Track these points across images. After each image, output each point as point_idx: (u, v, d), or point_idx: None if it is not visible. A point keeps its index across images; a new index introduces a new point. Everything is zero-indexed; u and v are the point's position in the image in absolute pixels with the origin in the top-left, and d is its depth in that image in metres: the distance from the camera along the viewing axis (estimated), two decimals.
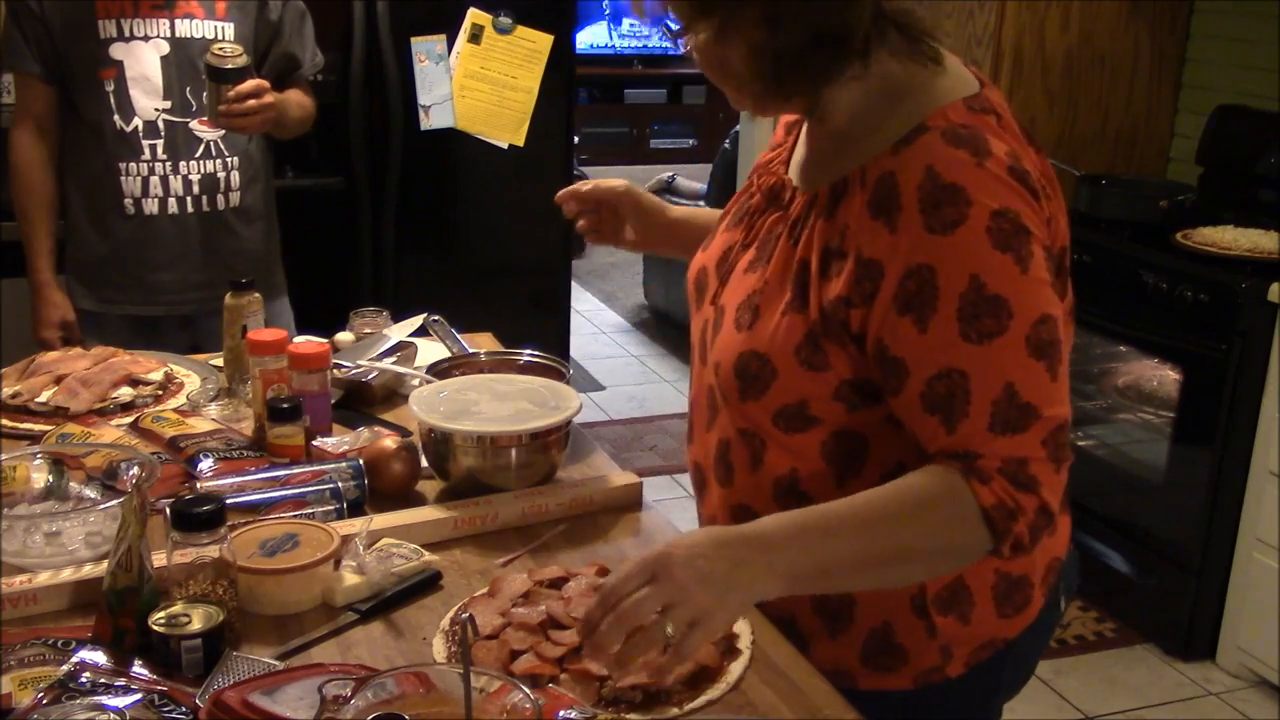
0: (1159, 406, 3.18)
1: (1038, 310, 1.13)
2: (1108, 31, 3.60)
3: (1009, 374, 1.12)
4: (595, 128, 8.93)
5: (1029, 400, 1.12)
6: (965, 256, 1.11)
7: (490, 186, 3.66)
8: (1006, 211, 1.12)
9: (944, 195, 1.11)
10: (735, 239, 1.35)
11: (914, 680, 1.30)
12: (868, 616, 1.29)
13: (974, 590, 1.28)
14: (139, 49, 2.33)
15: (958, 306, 1.11)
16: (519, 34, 3.48)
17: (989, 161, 1.13)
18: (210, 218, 2.44)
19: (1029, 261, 1.12)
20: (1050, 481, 1.14)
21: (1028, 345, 1.12)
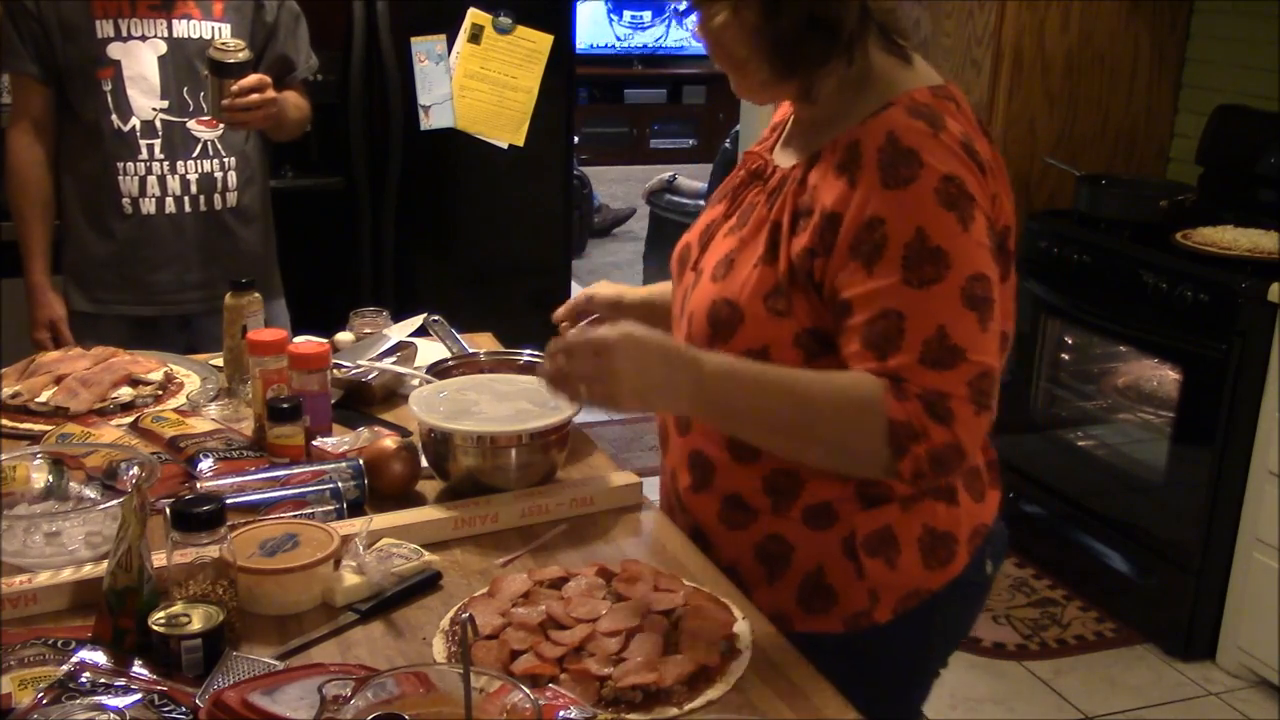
0: (1159, 406, 3.18)
1: (974, 267, 1.24)
2: (1108, 31, 3.60)
3: (942, 318, 1.23)
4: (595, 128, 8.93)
5: (958, 343, 1.23)
6: (913, 210, 1.24)
7: (490, 186, 3.66)
8: (954, 177, 1.24)
9: (900, 157, 1.25)
10: (718, 213, 1.48)
11: (844, 623, 1.40)
12: (803, 562, 1.39)
13: (901, 540, 1.38)
14: (136, 49, 2.33)
15: (903, 255, 1.23)
16: (519, 34, 3.48)
17: (943, 134, 1.26)
18: (207, 218, 2.44)
19: (970, 223, 1.24)
20: (968, 422, 1.24)
21: (962, 295, 1.23)
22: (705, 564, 1.46)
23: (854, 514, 1.37)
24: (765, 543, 1.41)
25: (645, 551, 1.49)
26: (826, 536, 1.38)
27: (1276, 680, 2.88)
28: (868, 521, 1.37)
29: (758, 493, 1.40)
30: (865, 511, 1.37)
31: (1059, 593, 3.37)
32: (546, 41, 3.49)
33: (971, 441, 1.25)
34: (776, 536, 1.40)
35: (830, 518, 1.38)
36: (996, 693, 2.91)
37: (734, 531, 1.43)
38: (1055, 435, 3.50)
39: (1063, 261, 3.30)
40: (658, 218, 5.63)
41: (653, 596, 1.29)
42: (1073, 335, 3.45)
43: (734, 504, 1.42)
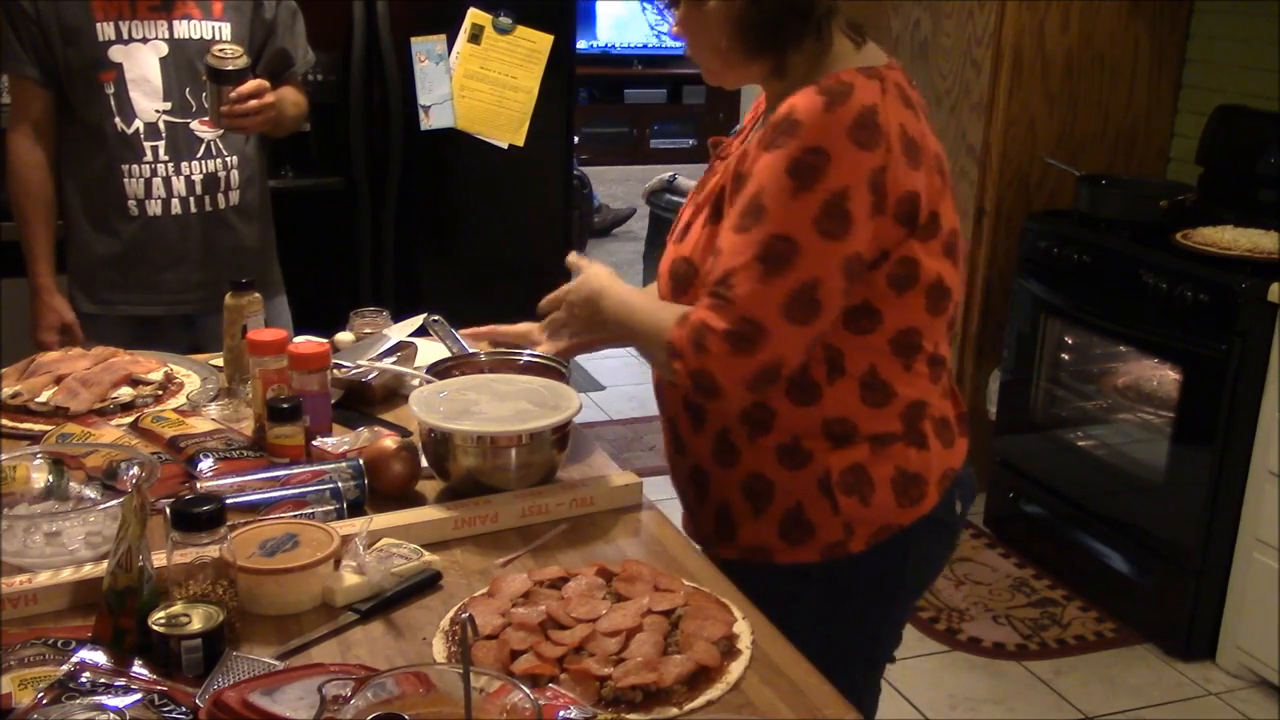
0: (1159, 406, 3.18)
1: (784, 229, 1.38)
2: (1108, 31, 3.60)
3: (734, 264, 1.40)
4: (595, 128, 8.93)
5: (736, 287, 1.39)
6: (765, 171, 1.40)
7: (490, 186, 3.66)
8: (819, 150, 1.37)
9: (786, 127, 1.39)
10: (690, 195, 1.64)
11: (821, 553, 1.53)
12: (783, 499, 1.53)
13: (875, 479, 1.51)
14: (138, 51, 2.33)
15: (742, 205, 1.41)
16: (519, 34, 3.48)
17: (839, 109, 1.38)
18: (212, 217, 2.44)
19: (803, 193, 1.37)
20: (721, 358, 1.40)
21: (759, 248, 1.38)
22: (705, 564, 1.46)
23: (826, 454, 1.51)
24: (750, 480, 1.55)
25: (645, 551, 1.49)
26: (803, 475, 1.52)
27: (1276, 680, 2.88)
28: (840, 461, 1.51)
29: (738, 425, 1.53)
30: (836, 451, 1.51)
31: (1059, 593, 3.37)
32: (546, 41, 3.49)
33: (726, 377, 1.40)
34: (759, 475, 1.54)
35: (804, 457, 1.51)
36: (996, 693, 2.91)
37: (725, 470, 1.57)
38: (1055, 435, 3.50)
39: (1063, 261, 3.30)
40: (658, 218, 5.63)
41: (653, 596, 1.29)
42: (1073, 335, 3.45)
43: (722, 441, 1.56)
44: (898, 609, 1.67)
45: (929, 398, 1.54)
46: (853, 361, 1.48)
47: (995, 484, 3.68)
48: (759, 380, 1.41)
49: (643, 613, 1.26)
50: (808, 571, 1.55)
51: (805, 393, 1.49)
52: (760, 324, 1.38)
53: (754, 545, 1.56)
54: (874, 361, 1.48)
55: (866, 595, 1.59)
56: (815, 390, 1.48)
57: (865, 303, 1.45)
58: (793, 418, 1.50)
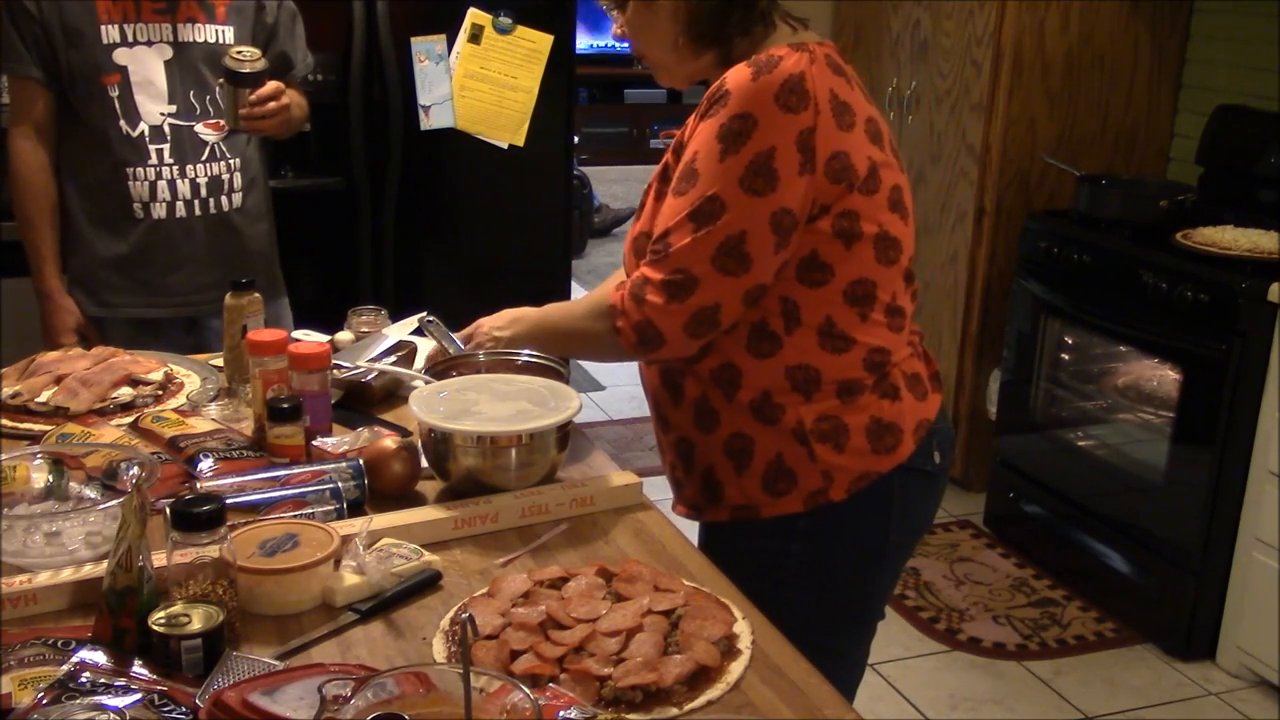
0: (1159, 406, 3.18)
1: (714, 188, 1.49)
2: (1108, 31, 3.60)
3: (669, 223, 1.51)
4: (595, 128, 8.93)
5: (669, 244, 1.51)
6: (698, 139, 1.52)
7: (490, 186, 3.66)
8: (746, 115, 1.47)
9: (717, 97, 1.51)
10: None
11: (804, 502, 1.60)
12: (763, 452, 1.60)
13: (850, 427, 1.59)
14: (142, 54, 2.33)
15: (679, 171, 1.53)
16: (519, 34, 3.48)
17: (764, 78, 1.48)
18: (216, 219, 2.44)
19: (730, 156, 1.48)
20: (659, 308, 1.51)
21: (690, 208, 1.50)
22: (705, 564, 1.46)
23: (798, 406, 1.58)
24: (730, 440, 1.62)
25: (645, 551, 1.49)
26: (779, 428, 1.59)
27: (1276, 680, 2.88)
28: (811, 411, 1.58)
29: (712, 388, 1.61)
30: (806, 403, 1.58)
31: (1059, 593, 3.37)
32: (546, 41, 3.49)
33: (667, 325, 1.52)
34: (739, 434, 1.61)
35: (776, 410, 1.59)
36: (996, 693, 2.91)
37: (707, 435, 1.64)
38: (1055, 435, 3.50)
39: (1063, 261, 3.30)
40: None
41: (653, 596, 1.29)
42: (1073, 335, 3.45)
43: (701, 408, 1.63)
44: (886, 563, 1.72)
45: (892, 347, 1.61)
46: (809, 312, 1.56)
47: (995, 484, 3.68)
48: (695, 324, 1.52)
49: (643, 613, 1.26)
50: (794, 523, 1.61)
51: (766, 343, 1.57)
52: (691, 273, 1.49)
53: (741, 504, 1.63)
54: (829, 312, 1.56)
55: (853, 545, 1.65)
56: (775, 340, 1.57)
57: (814, 255, 1.54)
58: (758, 372, 1.58)
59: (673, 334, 1.53)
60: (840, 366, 1.57)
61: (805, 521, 1.61)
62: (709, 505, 1.68)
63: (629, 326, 1.54)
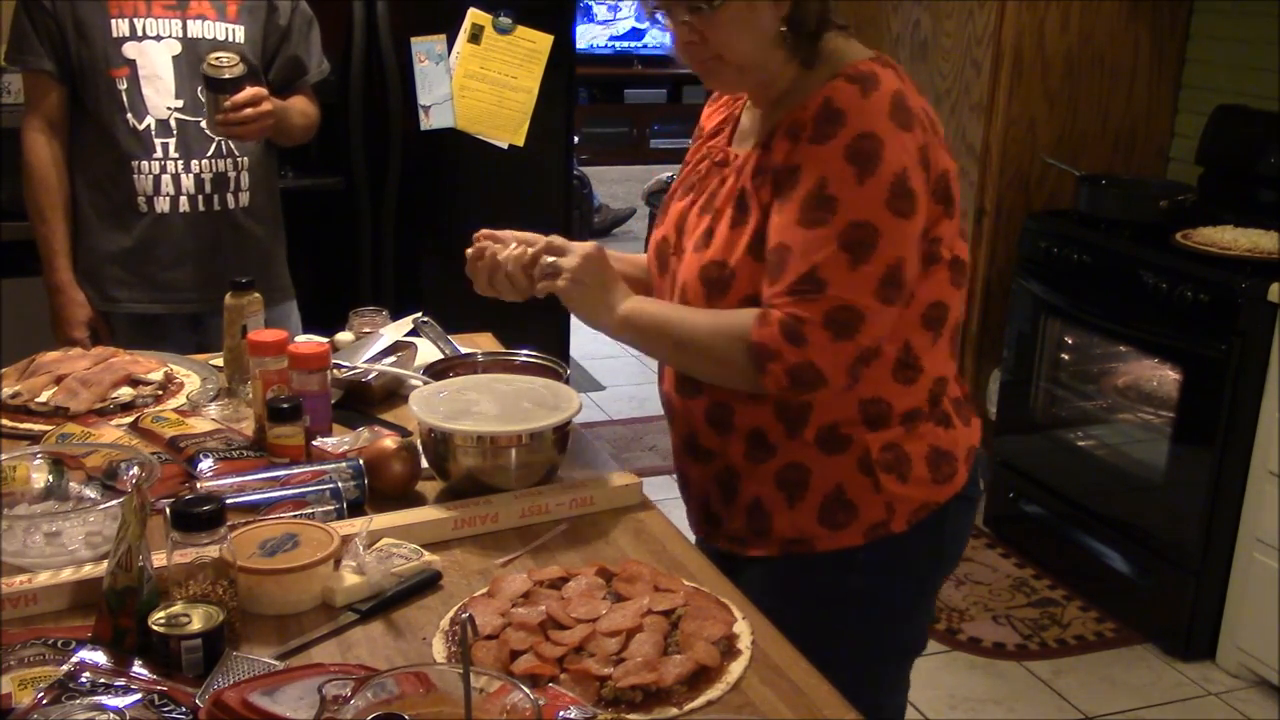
0: (1159, 406, 3.18)
1: (860, 215, 1.39)
2: (1108, 31, 3.60)
3: (816, 257, 1.40)
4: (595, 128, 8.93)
5: (823, 278, 1.40)
6: (822, 162, 1.41)
7: (490, 186, 3.66)
8: (871, 135, 1.40)
9: (829, 116, 1.41)
10: (686, 205, 1.63)
11: (864, 535, 1.53)
12: (821, 482, 1.53)
13: (912, 456, 1.53)
14: (151, 48, 2.34)
15: (803, 198, 1.41)
16: (519, 34, 3.48)
17: (874, 95, 1.42)
18: (220, 216, 2.44)
19: (868, 178, 1.39)
20: (822, 346, 1.40)
21: (839, 238, 1.39)
22: (705, 564, 1.46)
23: (864, 435, 1.51)
24: (784, 471, 1.54)
25: (645, 551, 1.49)
26: (842, 459, 1.52)
27: (1276, 680, 2.88)
28: (877, 441, 1.52)
29: (773, 422, 1.52)
30: (873, 433, 1.51)
31: (1059, 593, 3.37)
32: (546, 41, 3.49)
33: (829, 364, 1.41)
34: (795, 465, 1.53)
35: (842, 441, 1.51)
36: (996, 693, 2.91)
37: (757, 466, 1.55)
38: (1055, 435, 3.50)
39: (1063, 261, 3.30)
40: None
41: (653, 596, 1.29)
42: (1073, 335, 3.45)
43: (756, 440, 1.54)
44: (931, 590, 1.68)
45: (949, 375, 1.57)
46: (890, 338, 1.48)
47: (995, 484, 3.68)
48: (859, 364, 1.43)
49: (643, 613, 1.26)
50: (852, 556, 1.54)
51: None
52: (858, 308, 1.40)
53: (793, 537, 1.55)
54: (908, 336, 1.50)
55: (908, 576, 1.60)
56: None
57: None
58: (830, 406, 1.50)
59: (835, 374, 1.42)
60: (908, 396, 1.52)
61: (864, 554, 1.54)
62: (755, 539, 1.58)
63: (783, 370, 1.41)
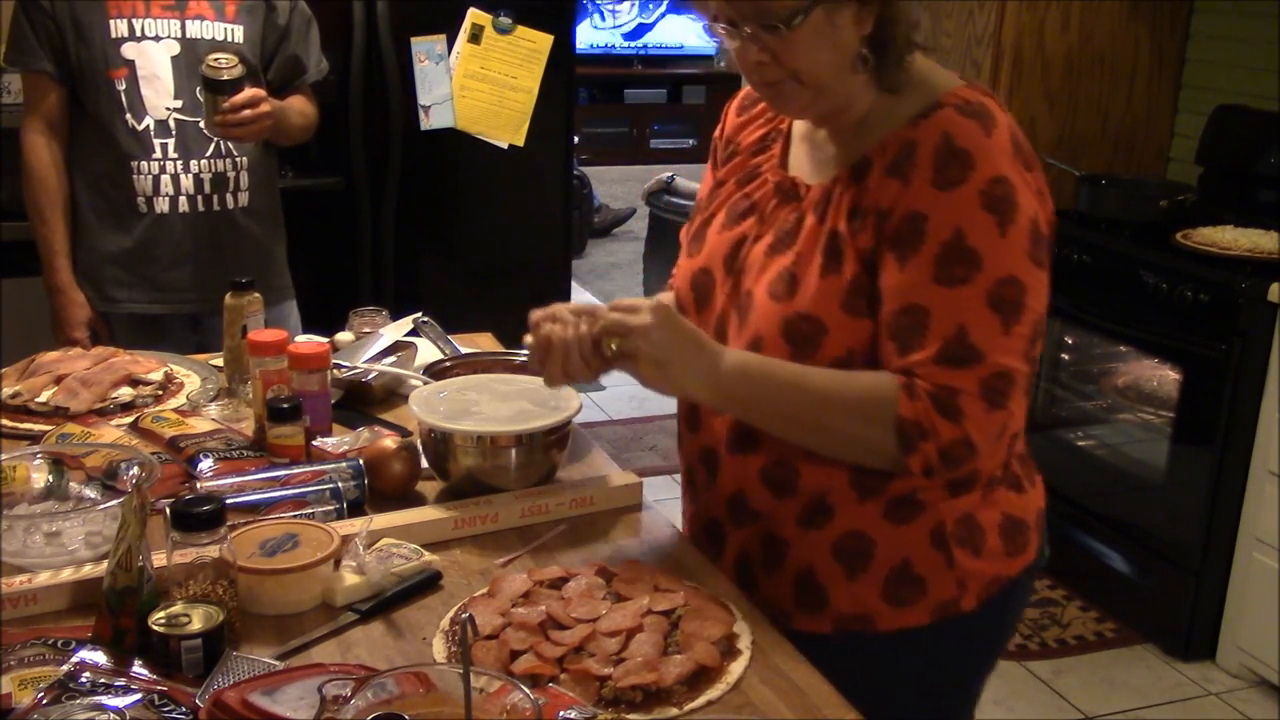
0: (1159, 406, 3.18)
1: (1006, 270, 1.26)
2: (1108, 31, 3.60)
3: (963, 318, 1.26)
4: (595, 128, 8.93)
5: (976, 343, 1.25)
6: (956, 211, 1.26)
7: (490, 186, 3.66)
8: (1002, 180, 1.26)
9: (953, 158, 1.26)
10: (740, 235, 1.44)
11: (931, 614, 1.38)
12: (887, 555, 1.37)
13: (985, 527, 1.39)
14: (150, 49, 2.34)
15: (937, 253, 1.26)
16: (519, 34, 3.48)
17: (995, 132, 1.28)
18: (219, 216, 2.44)
19: (1009, 227, 1.26)
20: (979, 419, 1.26)
21: (988, 297, 1.26)
22: (705, 564, 1.46)
23: (939, 503, 1.36)
24: (844, 540, 1.38)
25: (645, 551, 1.49)
26: (912, 529, 1.37)
27: (1276, 680, 2.88)
28: (953, 510, 1.37)
29: (844, 486, 1.37)
30: (951, 500, 1.37)
31: (1059, 593, 3.37)
32: (546, 41, 3.50)
33: (983, 437, 1.27)
34: (856, 534, 1.38)
35: (915, 508, 1.36)
36: (996, 693, 2.91)
37: (812, 532, 1.39)
38: (1055, 435, 3.50)
39: (1063, 261, 3.30)
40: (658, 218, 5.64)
41: (653, 596, 1.29)
42: (1073, 335, 3.45)
43: (816, 504, 1.39)
44: (989, 669, 1.52)
45: (1020, 431, 1.39)
46: None
47: None
48: (1004, 429, 1.29)
49: (643, 613, 1.26)
50: (915, 636, 1.39)
51: None
52: (1011, 374, 1.27)
53: (851, 614, 1.39)
54: None
55: (971, 657, 1.47)
56: None
57: None
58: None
59: (987, 446, 1.28)
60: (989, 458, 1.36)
61: (929, 634, 1.39)
62: (803, 613, 1.41)
63: (936, 450, 1.26)
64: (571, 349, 1.35)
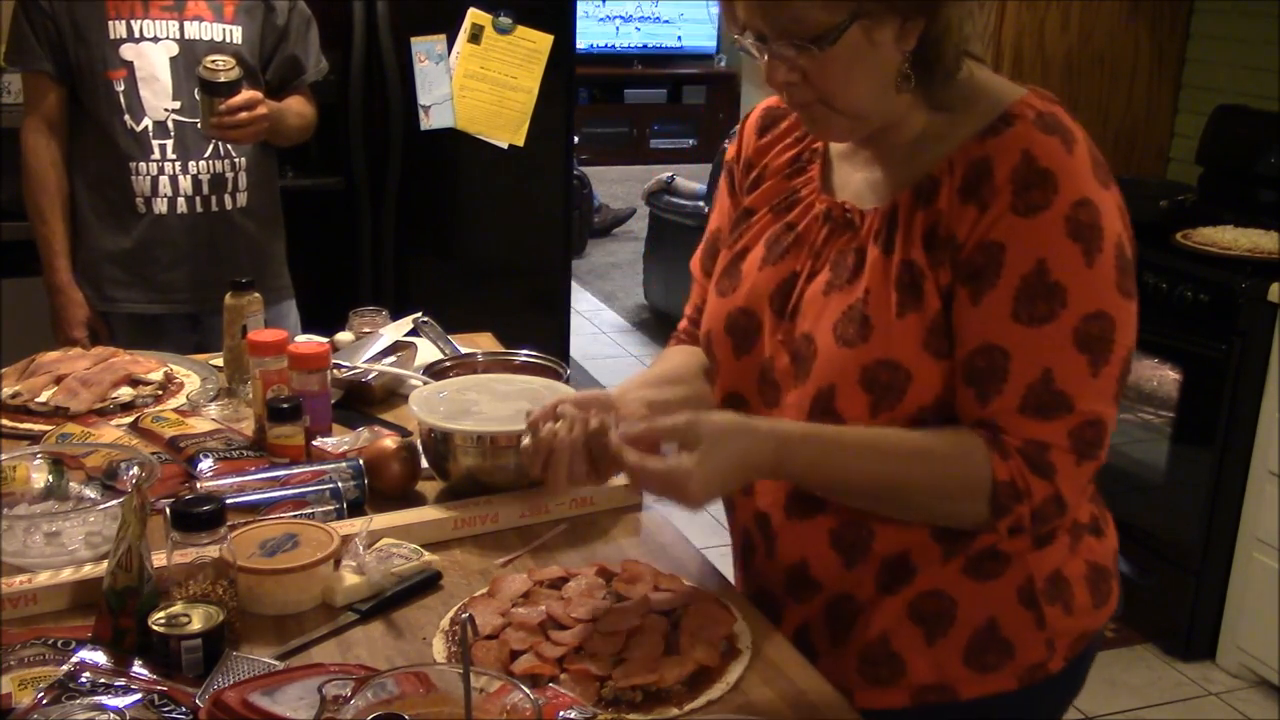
0: (1159, 406, 3.18)
1: (1093, 305, 1.14)
2: (1108, 31, 3.60)
3: (1049, 360, 1.14)
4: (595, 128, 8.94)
5: (1063, 389, 1.14)
6: (1038, 240, 1.13)
7: (490, 186, 3.66)
8: (1087, 203, 1.14)
9: (1035, 179, 1.14)
10: (788, 271, 1.29)
11: (1019, 679, 1.27)
12: (970, 616, 1.25)
13: (1072, 580, 1.28)
14: (148, 50, 2.34)
15: (1017, 287, 1.14)
16: (519, 34, 3.48)
17: (1075, 149, 1.16)
18: (218, 217, 2.45)
19: (1096, 256, 1.14)
20: (1069, 473, 1.15)
21: (1075, 336, 1.13)
22: (705, 564, 1.46)
23: (1026, 555, 1.25)
24: (920, 602, 1.26)
25: (645, 551, 1.49)
26: (996, 586, 1.25)
27: (1276, 680, 2.88)
28: (1041, 564, 1.26)
29: (926, 543, 1.25)
30: (1037, 552, 1.25)
31: None
32: (546, 41, 3.49)
33: (1073, 492, 1.17)
34: (934, 593, 1.26)
35: (1000, 563, 1.25)
36: None
37: (887, 596, 1.27)
38: None
39: None
40: (658, 218, 5.64)
41: (653, 596, 1.29)
42: None
43: (895, 566, 1.26)
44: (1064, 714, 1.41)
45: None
46: None
47: None
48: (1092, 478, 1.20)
49: (643, 613, 1.26)
50: (1000, 702, 1.27)
51: None
52: (1102, 421, 1.15)
53: (930, 683, 1.26)
54: None
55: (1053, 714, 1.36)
56: None
57: None
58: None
59: (1076, 499, 1.18)
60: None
61: (1016, 700, 1.27)
62: (873, 688, 1.28)
63: (1029, 511, 1.15)
64: (578, 454, 1.23)
